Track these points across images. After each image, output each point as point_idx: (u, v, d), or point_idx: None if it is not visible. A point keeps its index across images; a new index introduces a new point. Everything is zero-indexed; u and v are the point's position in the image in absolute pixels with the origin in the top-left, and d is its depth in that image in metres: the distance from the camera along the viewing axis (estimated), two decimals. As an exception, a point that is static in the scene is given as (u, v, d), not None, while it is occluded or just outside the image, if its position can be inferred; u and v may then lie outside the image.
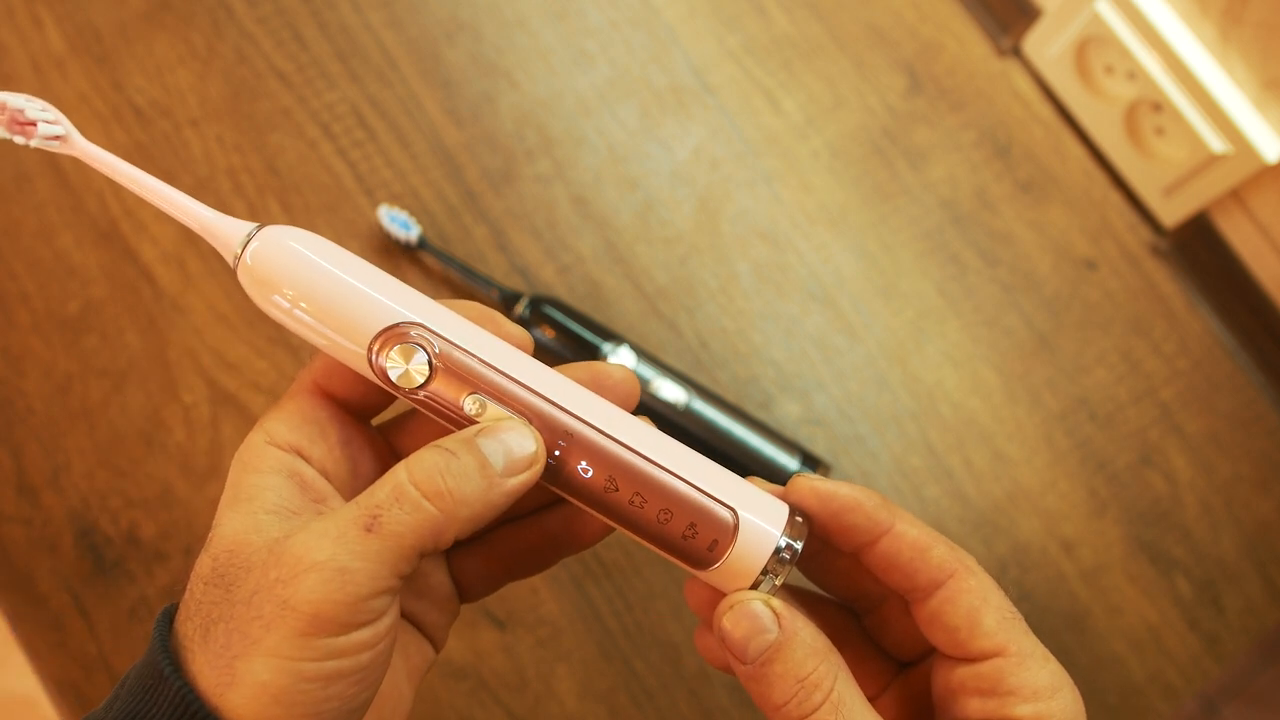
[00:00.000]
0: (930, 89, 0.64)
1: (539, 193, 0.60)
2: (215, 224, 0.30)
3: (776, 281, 0.60)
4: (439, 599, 0.34)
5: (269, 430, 0.29)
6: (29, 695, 1.04)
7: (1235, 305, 0.63)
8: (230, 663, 0.26)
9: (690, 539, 0.29)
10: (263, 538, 0.27)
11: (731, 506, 0.29)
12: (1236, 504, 0.60)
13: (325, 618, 0.25)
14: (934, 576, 0.29)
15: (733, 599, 0.29)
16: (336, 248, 0.30)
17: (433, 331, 0.29)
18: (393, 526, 0.26)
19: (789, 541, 0.29)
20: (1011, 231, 0.63)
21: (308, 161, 0.58)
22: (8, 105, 0.28)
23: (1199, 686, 0.57)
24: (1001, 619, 0.28)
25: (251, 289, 0.29)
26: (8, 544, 0.51)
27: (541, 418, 0.29)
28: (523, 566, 0.34)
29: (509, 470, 0.28)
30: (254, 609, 0.26)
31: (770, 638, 0.28)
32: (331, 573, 0.26)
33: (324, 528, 0.26)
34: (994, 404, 0.60)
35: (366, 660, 0.27)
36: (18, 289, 0.55)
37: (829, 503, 0.30)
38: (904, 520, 0.30)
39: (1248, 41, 0.56)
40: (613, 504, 0.29)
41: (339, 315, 0.29)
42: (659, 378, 0.54)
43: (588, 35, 0.62)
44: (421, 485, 0.27)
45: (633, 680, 0.53)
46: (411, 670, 0.32)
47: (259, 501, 0.28)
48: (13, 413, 0.53)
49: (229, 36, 0.59)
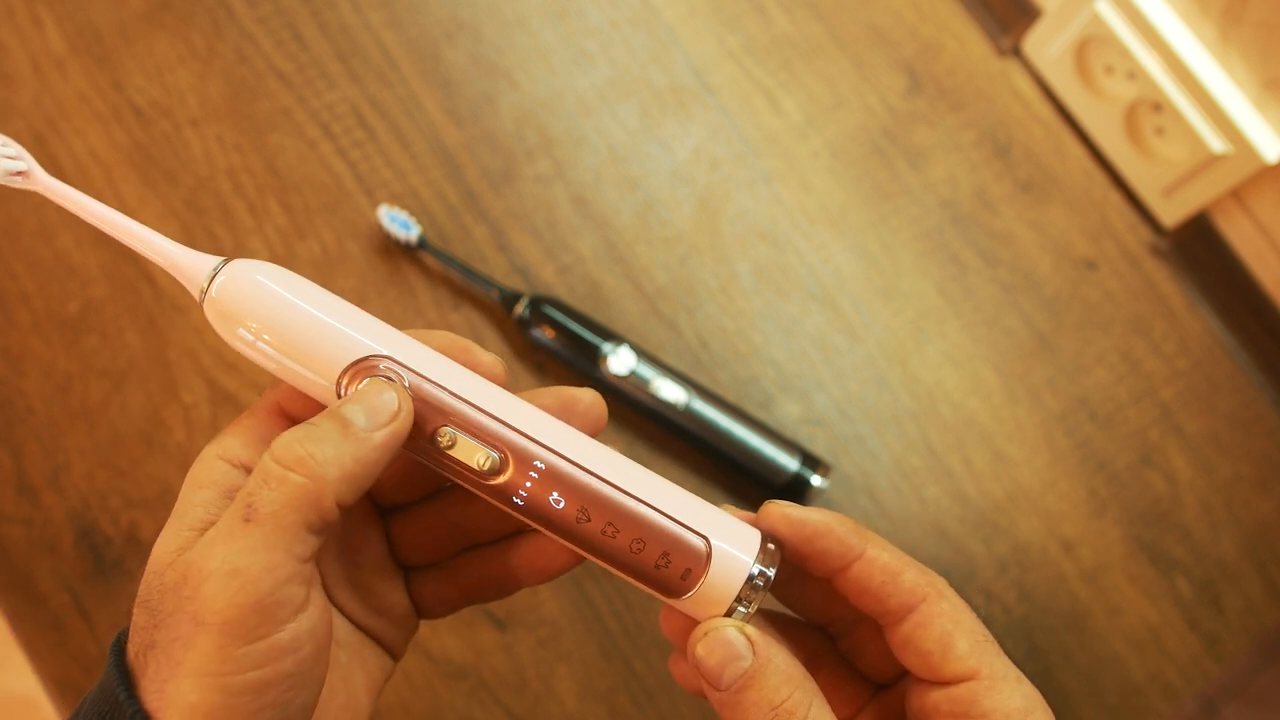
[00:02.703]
0: (930, 89, 0.64)
1: (539, 193, 0.60)
2: (180, 259, 0.29)
3: (776, 281, 0.60)
4: (396, 617, 0.34)
5: (223, 445, 0.29)
6: (29, 695, 1.04)
7: (1235, 305, 0.63)
8: (162, 687, 0.26)
9: (663, 568, 0.29)
10: (175, 557, 0.27)
11: (704, 535, 0.29)
12: (1236, 504, 0.60)
13: (235, 624, 0.25)
14: (906, 601, 0.29)
15: (706, 626, 0.29)
16: (304, 281, 0.30)
17: (401, 364, 0.29)
18: (267, 508, 0.26)
19: (761, 569, 0.29)
20: (1011, 231, 0.63)
21: (308, 161, 0.58)
22: None
23: (1199, 686, 0.57)
24: (974, 642, 0.29)
25: (217, 323, 0.29)
26: (8, 544, 0.51)
27: (513, 449, 0.29)
28: (482, 593, 0.34)
29: (373, 424, 0.27)
30: (173, 630, 0.26)
31: (744, 665, 0.28)
32: (225, 576, 0.25)
33: (213, 534, 0.26)
34: (994, 404, 0.60)
35: (291, 665, 0.26)
36: (18, 289, 0.55)
37: (801, 529, 0.30)
38: (875, 545, 0.30)
39: (1248, 41, 0.56)
40: (585, 535, 0.29)
41: (306, 350, 0.29)
42: (659, 378, 0.54)
43: (588, 35, 0.62)
44: (281, 458, 0.27)
45: (633, 680, 0.53)
46: (370, 682, 0.32)
47: (187, 518, 0.28)
48: (13, 413, 0.53)
49: (229, 36, 0.59)
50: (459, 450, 0.29)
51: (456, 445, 0.29)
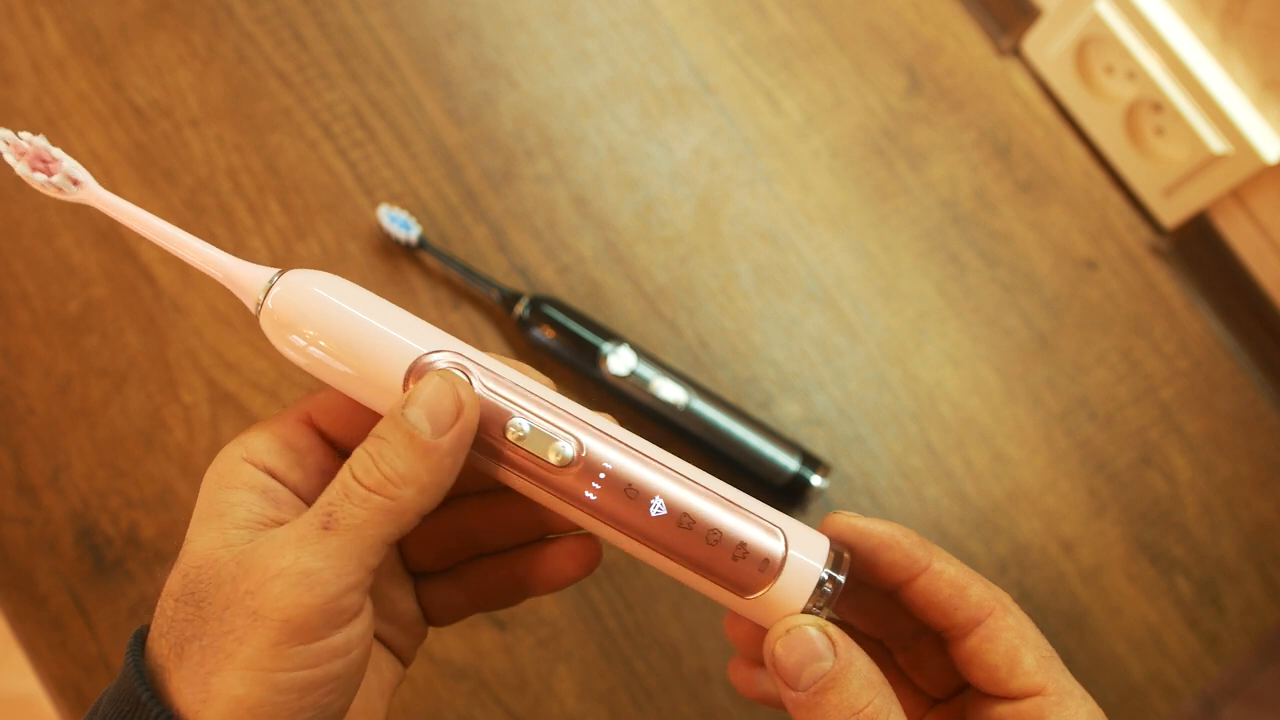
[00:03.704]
0: (930, 89, 0.64)
1: (539, 193, 0.60)
2: (235, 271, 0.29)
3: (776, 281, 0.60)
4: (406, 623, 0.34)
5: (248, 446, 0.29)
6: (29, 695, 1.04)
7: (1235, 305, 0.63)
8: (205, 679, 0.25)
9: (740, 560, 0.28)
10: (232, 553, 0.27)
11: (781, 529, 0.29)
12: (1236, 504, 0.60)
13: (296, 623, 0.25)
14: (972, 615, 0.29)
15: (787, 623, 0.28)
16: (358, 288, 0.30)
17: (468, 359, 0.29)
18: (349, 521, 0.26)
19: (833, 574, 0.28)
20: (1011, 231, 0.63)
21: (308, 161, 0.58)
22: (34, 144, 0.28)
23: (1199, 686, 0.57)
24: (1040, 658, 0.28)
25: (273, 335, 0.29)
26: (8, 544, 0.51)
27: (587, 442, 0.29)
28: (490, 601, 0.34)
29: (439, 428, 0.27)
30: (226, 624, 0.26)
31: (825, 665, 0.27)
32: (297, 576, 0.25)
33: (284, 534, 0.26)
34: (994, 404, 0.60)
35: (340, 668, 0.26)
36: (18, 289, 0.55)
37: (866, 538, 0.29)
38: (941, 558, 0.29)
39: (1248, 41, 0.56)
40: (658, 529, 0.29)
41: (365, 357, 0.29)
42: (659, 378, 0.54)
43: (588, 35, 0.62)
44: (362, 478, 0.27)
45: (633, 680, 0.53)
46: (384, 687, 0.33)
47: (229, 518, 0.28)
48: (13, 413, 0.53)
49: (229, 36, 0.59)
50: (531, 442, 0.29)
51: (529, 437, 0.29)
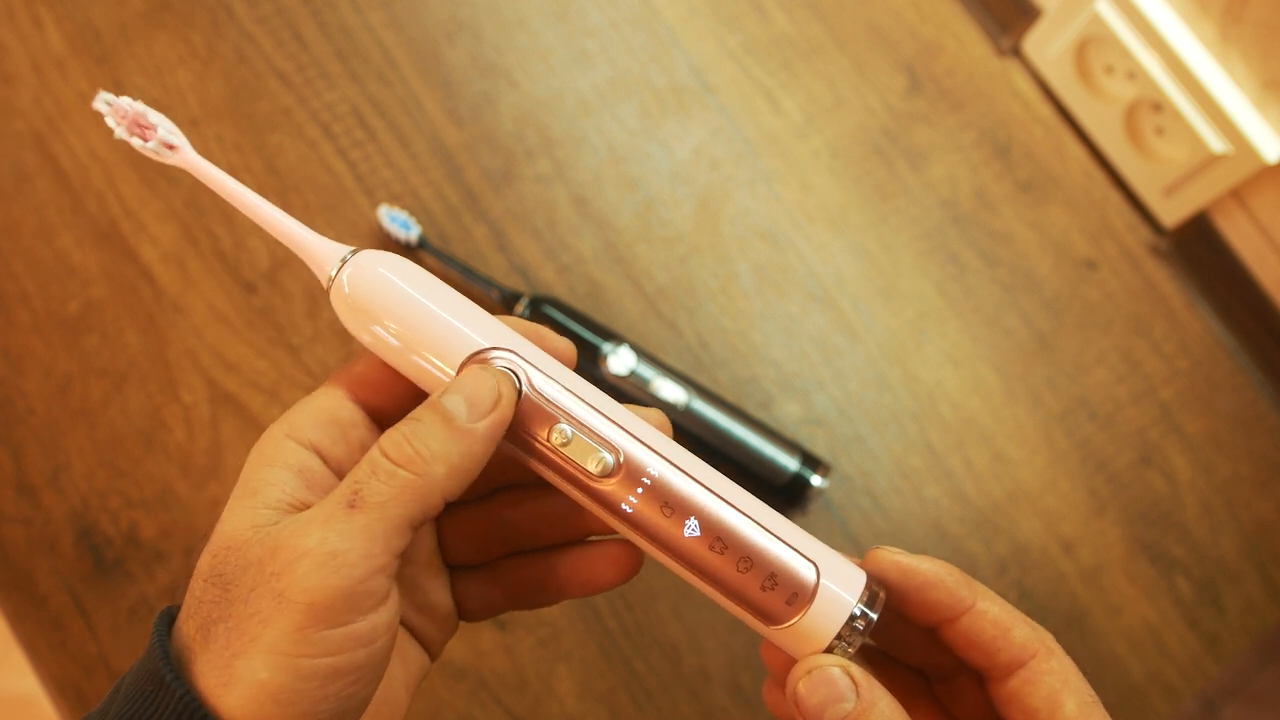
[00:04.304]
0: (930, 89, 0.64)
1: (539, 193, 0.60)
2: (311, 245, 0.30)
3: (776, 281, 0.60)
4: (439, 616, 0.33)
5: (292, 423, 0.29)
6: (29, 695, 1.04)
7: (1235, 305, 0.63)
8: (229, 662, 0.25)
9: (769, 591, 0.28)
10: (259, 533, 0.27)
11: (814, 562, 0.28)
12: (1236, 504, 0.60)
13: (321, 606, 0.25)
14: (1016, 656, 0.29)
15: (810, 663, 0.28)
16: (425, 274, 0.30)
17: (521, 357, 0.29)
18: (375, 499, 0.26)
19: (865, 610, 0.28)
20: (1011, 231, 0.63)
21: (308, 161, 0.58)
22: (133, 109, 0.29)
23: (1199, 686, 0.57)
24: (1081, 703, 0.28)
25: (340, 310, 0.30)
26: (8, 544, 0.51)
27: (628, 454, 0.29)
28: (525, 599, 0.34)
29: (475, 415, 0.27)
30: (251, 606, 0.25)
31: (847, 708, 0.27)
32: (323, 556, 0.25)
33: (310, 515, 0.26)
34: (994, 404, 0.60)
35: (363, 657, 0.26)
36: (18, 289, 0.55)
37: (911, 577, 0.29)
38: (985, 598, 0.29)
39: (1248, 41, 0.56)
40: (690, 549, 0.28)
41: (426, 341, 0.29)
42: (659, 378, 0.54)
43: (588, 35, 0.62)
44: (391, 454, 0.27)
45: (633, 680, 0.53)
46: (409, 678, 0.32)
47: (262, 496, 0.28)
48: (13, 413, 0.53)
49: (229, 36, 0.59)
50: (573, 449, 0.29)
51: (571, 444, 0.29)
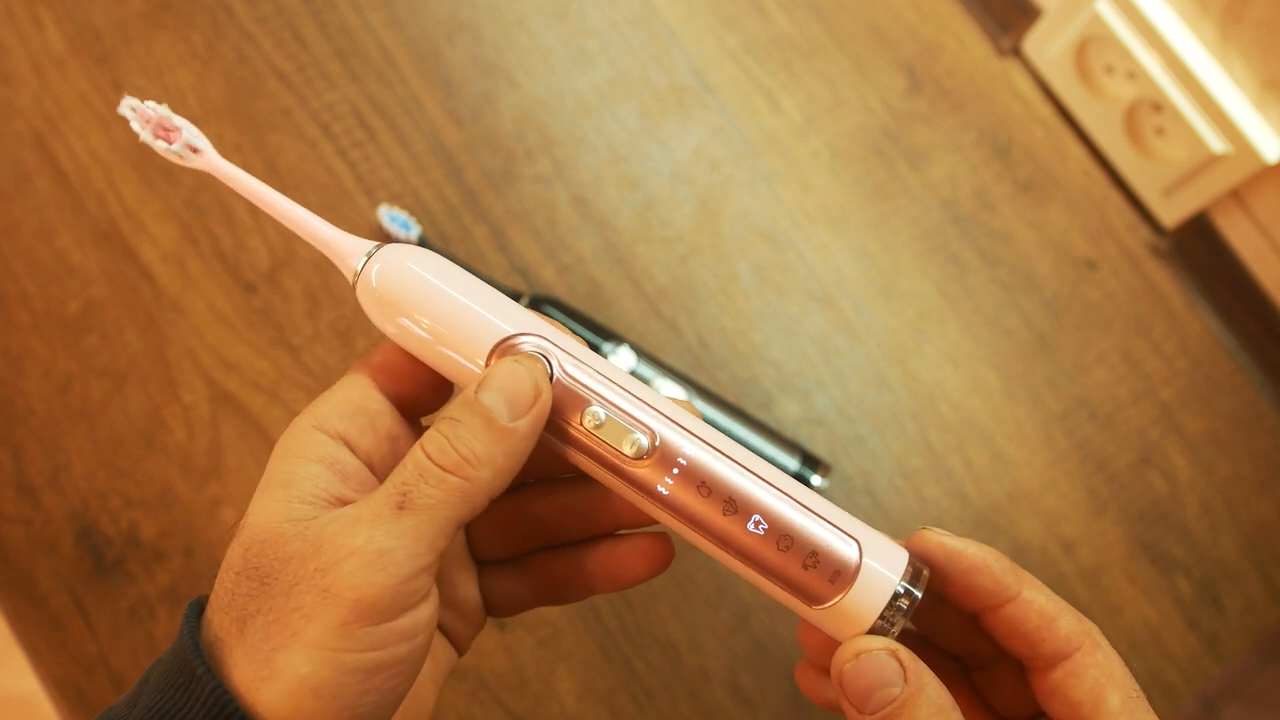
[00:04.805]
0: (930, 89, 0.64)
1: (539, 193, 0.60)
2: (336, 242, 0.30)
3: (776, 281, 0.60)
4: (467, 611, 0.33)
5: (318, 415, 0.29)
6: (29, 695, 1.04)
7: (1235, 305, 0.63)
8: (269, 655, 0.25)
9: (811, 569, 0.28)
10: (297, 527, 0.26)
11: (856, 539, 0.28)
12: (1236, 504, 0.60)
13: (368, 603, 0.25)
14: (1060, 648, 0.28)
15: (857, 645, 0.27)
16: (452, 265, 0.30)
17: (552, 342, 0.29)
18: (424, 501, 0.26)
19: (908, 588, 0.28)
20: (1011, 231, 0.63)
21: (308, 161, 0.58)
22: (157, 112, 0.29)
23: (1199, 686, 0.57)
24: (1125, 698, 0.27)
25: (367, 305, 0.30)
26: (8, 544, 0.51)
27: (663, 435, 0.28)
28: (553, 595, 0.34)
29: (516, 413, 0.27)
30: (294, 600, 0.25)
31: (895, 691, 0.26)
32: (371, 555, 0.25)
33: (357, 513, 0.26)
34: (994, 404, 0.60)
35: (405, 652, 0.26)
36: (18, 289, 0.55)
37: (957, 561, 0.28)
38: (1031, 587, 0.28)
39: (1248, 41, 0.56)
40: (729, 529, 0.28)
41: (454, 333, 0.29)
42: (659, 378, 0.54)
43: (588, 35, 0.62)
44: (438, 459, 0.27)
45: (633, 680, 0.53)
46: (437, 673, 0.32)
47: (295, 489, 0.27)
48: (13, 413, 0.53)
49: (229, 36, 0.59)
50: (606, 432, 0.28)
51: (605, 427, 0.28)
